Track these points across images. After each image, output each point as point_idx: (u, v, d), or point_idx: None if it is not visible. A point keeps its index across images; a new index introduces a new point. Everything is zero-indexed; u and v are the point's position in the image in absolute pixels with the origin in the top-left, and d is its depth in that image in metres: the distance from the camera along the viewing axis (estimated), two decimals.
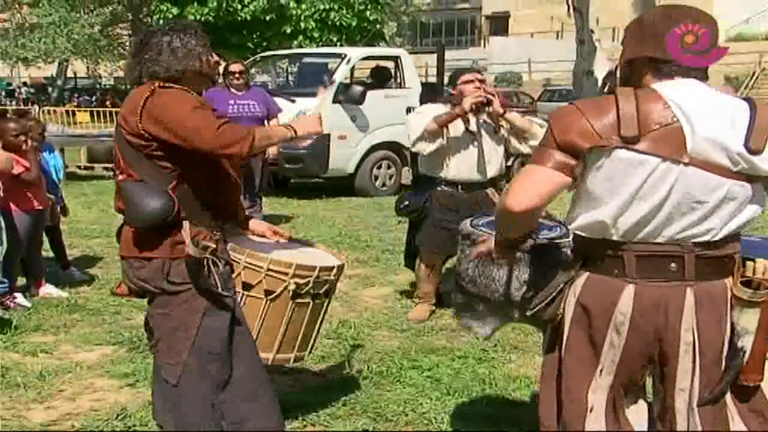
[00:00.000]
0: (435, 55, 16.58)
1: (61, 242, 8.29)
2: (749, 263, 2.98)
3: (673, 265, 2.91)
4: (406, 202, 7.04)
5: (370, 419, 4.90)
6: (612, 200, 2.89)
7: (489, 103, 6.57)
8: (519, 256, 3.53)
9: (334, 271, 4.62)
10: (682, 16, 3.00)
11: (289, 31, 27.34)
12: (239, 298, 4.30)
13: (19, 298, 7.11)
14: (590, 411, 3.07)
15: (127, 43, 39.15)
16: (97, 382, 5.48)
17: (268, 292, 4.42)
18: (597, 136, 2.84)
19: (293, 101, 13.62)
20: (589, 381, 3.07)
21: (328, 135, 13.96)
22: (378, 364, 5.81)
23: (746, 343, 3.01)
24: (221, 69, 8.94)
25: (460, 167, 6.74)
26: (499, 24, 72.28)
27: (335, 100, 14.25)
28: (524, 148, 6.74)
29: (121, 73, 42.43)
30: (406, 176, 15.31)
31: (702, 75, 3.00)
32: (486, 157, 6.75)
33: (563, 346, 3.12)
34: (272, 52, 19.53)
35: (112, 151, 4.43)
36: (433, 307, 7.08)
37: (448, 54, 16.68)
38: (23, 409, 5.04)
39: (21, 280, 7.54)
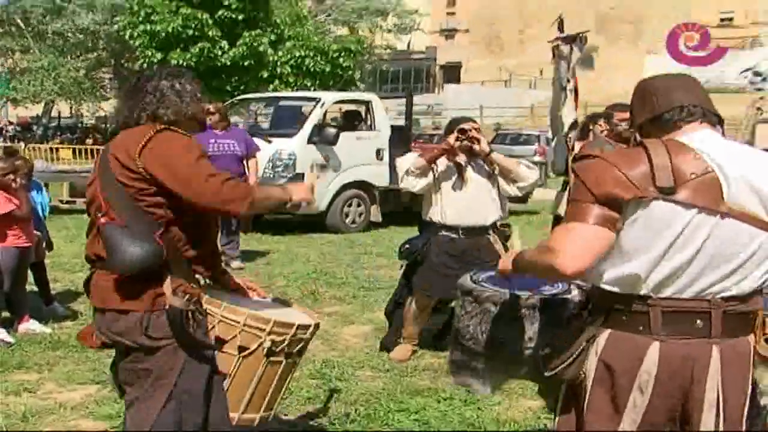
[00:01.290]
0: (395, 100, 16.31)
1: (46, 278, 7.81)
2: None
3: (699, 321, 2.71)
4: (407, 246, 6.55)
5: None
6: (648, 253, 2.68)
7: (476, 141, 6.16)
8: (525, 313, 3.40)
9: (311, 329, 4.12)
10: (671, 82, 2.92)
11: (266, 75, 27.11)
12: None
13: (2, 333, 6.63)
14: None
15: (108, 86, 38.93)
16: (82, 424, 5.03)
17: (241, 349, 3.88)
18: (635, 187, 2.64)
19: (270, 142, 13.32)
20: None
21: (302, 174, 13.62)
22: (365, 406, 5.40)
23: None
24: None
25: (457, 211, 6.27)
26: (452, 73, 72.80)
27: (310, 141, 13.95)
28: (512, 190, 6.32)
29: (101, 113, 42.14)
30: (375, 214, 15.00)
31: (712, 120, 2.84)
32: (482, 200, 6.31)
33: (585, 406, 2.87)
34: (251, 95, 19.22)
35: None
36: (416, 348, 6.63)
37: None
38: None
39: (4, 314, 7.04)
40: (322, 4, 36.68)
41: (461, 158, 6.27)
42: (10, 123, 48.74)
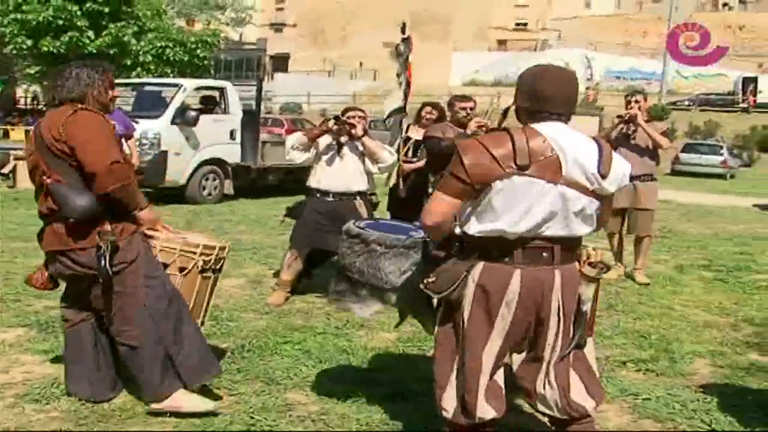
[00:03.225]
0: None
1: None
2: (590, 251, 3.44)
3: (545, 254, 3.28)
4: (290, 207, 7.39)
5: (264, 383, 4.97)
6: (511, 212, 3.21)
7: (352, 126, 6.82)
8: (401, 252, 3.89)
9: (226, 249, 4.87)
10: (549, 73, 3.36)
11: (129, 63, 27.00)
12: None
13: None
14: (482, 366, 3.34)
15: None
16: (22, 357, 5.28)
17: (181, 269, 4.53)
18: (500, 166, 3.17)
19: (137, 122, 13.39)
20: (485, 344, 3.33)
21: (166, 151, 13.86)
22: (256, 339, 5.87)
23: (587, 308, 3.43)
24: None
25: (330, 179, 6.92)
26: (281, 63, 72.52)
27: (173, 122, 14.16)
28: (374, 168, 7.01)
29: None
30: (228, 187, 15.33)
31: (566, 118, 3.33)
32: (351, 172, 6.95)
33: (464, 320, 3.35)
34: (118, 80, 18.74)
35: None
36: (289, 294, 7.20)
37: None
38: None
39: None
40: None
41: (343, 138, 6.91)
42: None
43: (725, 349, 6.15)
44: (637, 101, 8.49)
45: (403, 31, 8.95)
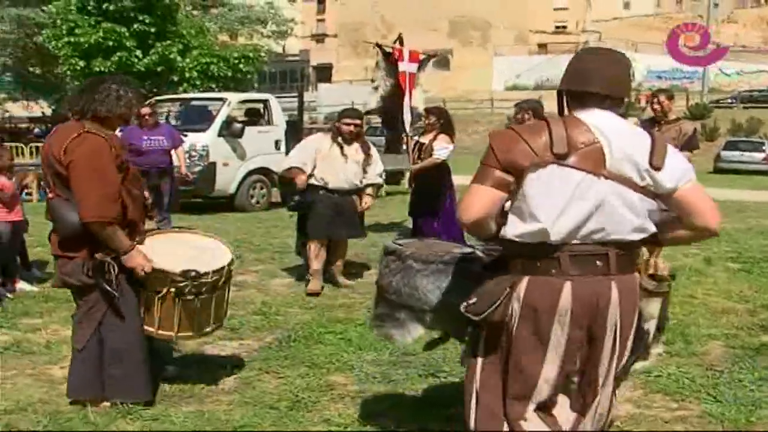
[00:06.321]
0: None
1: (25, 248, 8.45)
2: (653, 261, 3.24)
3: (598, 262, 2.90)
4: (293, 202, 8.10)
5: (308, 367, 5.45)
6: (550, 209, 2.85)
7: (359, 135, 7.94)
8: (440, 268, 3.54)
9: (210, 274, 4.67)
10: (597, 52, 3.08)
11: (175, 79, 28.11)
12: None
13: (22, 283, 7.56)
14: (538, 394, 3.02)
15: (12, 89, 38.17)
16: None
17: (157, 291, 4.57)
18: (534, 154, 2.84)
19: (185, 135, 13.95)
20: (539, 369, 2.99)
21: (214, 162, 14.47)
22: (302, 330, 6.37)
23: (651, 326, 3.16)
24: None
25: (333, 178, 7.85)
26: (324, 73, 73.25)
27: (220, 135, 14.73)
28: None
29: (6, 114, 41.30)
30: (276, 196, 15.83)
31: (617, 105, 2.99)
32: (352, 171, 7.92)
33: (511, 344, 3.01)
34: (167, 96, 19.81)
35: None
36: (323, 284, 7.94)
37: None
38: (44, 369, 5.40)
39: None
40: (208, 13, 36.79)
41: (345, 147, 7.94)
42: None
43: (740, 332, 6.47)
44: (659, 101, 8.31)
45: (401, 43, 10.21)
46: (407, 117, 11.78)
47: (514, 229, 2.93)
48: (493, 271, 3.11)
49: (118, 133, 4.78)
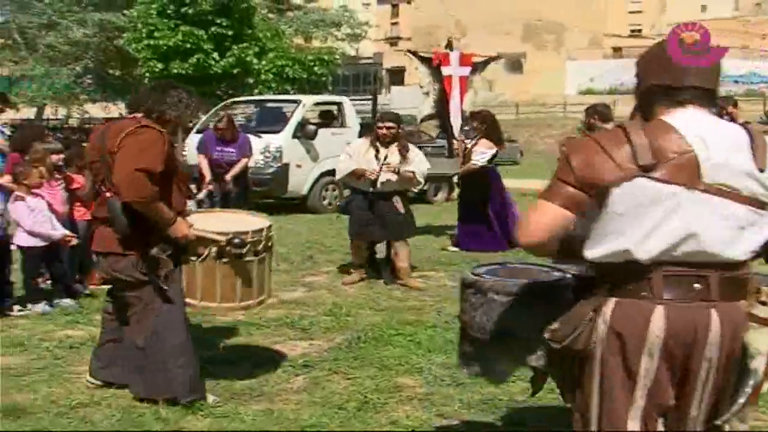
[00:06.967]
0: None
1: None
2: (763, 288, 2.71)
3: (697, 285, 2.52)
4: (343, 203, 8.94)
5: (377, 369, 5.46)
6: (638, 227, 2.51)
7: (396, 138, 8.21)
8: (527, 300, 3.16)
9: (250, 234, 4.78)
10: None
11: (251, 81, 28.47)
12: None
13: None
14: None
15: (93, 91, 39.10)
16: None
17: (198, 255, 4.69)
18: (618, 167, 2.48)
19: (260, 137, 14.16)
20: (628, 405, 2.59)
21: (287, 164, 14.57)
22: (372, 332, 6.37)
23: (759, 364, 2.63)
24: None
25: (369, 181, 8.17)
26: (397, 76, 73.37)
27: (294, 136, 14.81)
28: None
29: (87, 115, 42.32)
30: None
31: (709, 100, 2.62)
32: (386, 175, 8.11)
33: (598, 372, 2.63)
34: (242, 98, 20.10)
35: None
36: (364, 275, 8.49)
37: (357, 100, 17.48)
38: None
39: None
40: (284, 16, 37.22)
41: (381, 150, 8.19)
42: (4, 124, 48.47)
43: None
44: (728, 112, 8.01)
45: (450, 47, 10.35)
46: (456, 121, 11.72)
47: (596, 250, 2.60)
48: (579, 294, 2.79)
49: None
